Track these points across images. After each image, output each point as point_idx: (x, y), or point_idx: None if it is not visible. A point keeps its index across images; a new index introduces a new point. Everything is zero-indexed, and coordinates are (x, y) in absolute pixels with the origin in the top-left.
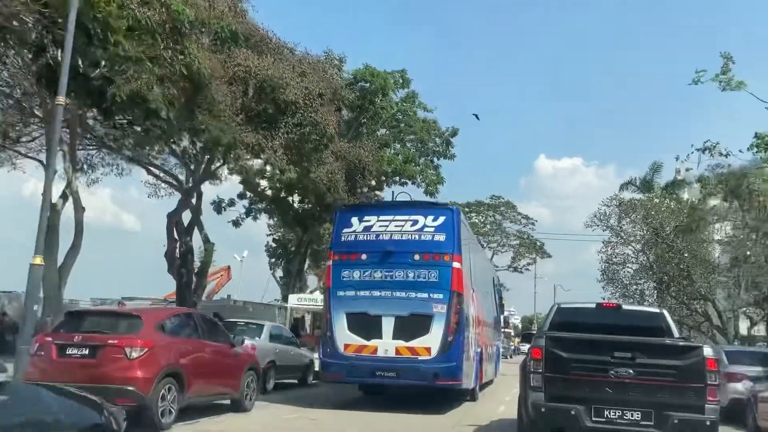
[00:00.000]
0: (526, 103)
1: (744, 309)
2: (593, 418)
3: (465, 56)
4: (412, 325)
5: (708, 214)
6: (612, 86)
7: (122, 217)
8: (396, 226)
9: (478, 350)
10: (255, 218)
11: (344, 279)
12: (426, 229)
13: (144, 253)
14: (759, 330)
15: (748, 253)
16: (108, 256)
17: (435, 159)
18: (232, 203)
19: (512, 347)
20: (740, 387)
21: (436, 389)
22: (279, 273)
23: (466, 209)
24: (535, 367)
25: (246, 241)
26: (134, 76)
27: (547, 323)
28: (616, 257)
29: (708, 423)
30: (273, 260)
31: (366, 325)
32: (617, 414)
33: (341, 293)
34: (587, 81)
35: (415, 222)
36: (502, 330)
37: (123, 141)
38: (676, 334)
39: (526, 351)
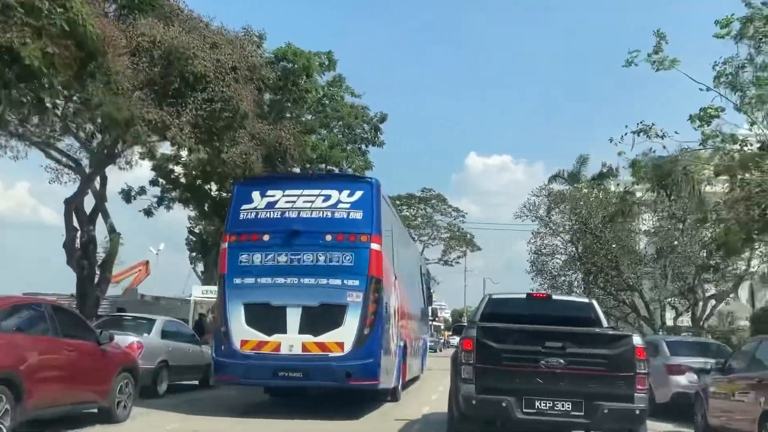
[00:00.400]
0: (457, 98)
1: (669, 299)
2: (524, 410)
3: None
4: (322, 317)
5: (639, 201)
6: (541, 82)
7: (40, 211)
8: (305, 201)
9: (402, 344)
10: (168, 207)
11: (242, 264)
12: (340, 205)
13: (57, 247)
14: (684, 320)
15: (675, 243)
16: (17, 252)
17: (363, 146)
18: (143, 191)
19: (442, 341)
20: (684, 380)
21: (354, 390)
22: (201, 267)
23: (397, 202)
24: (466, 359)
25: (171, 233)
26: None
27: (478, 314)
28: (545, 248)
29: (637, 412)
30: (194, 254)
31: (267, 318)
32: (548, 405)
33: (238, 281)
34: (518, 77)
35: (328, 197)
36: (431, 323)
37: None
38: (604, 324)
39: (457, 343)
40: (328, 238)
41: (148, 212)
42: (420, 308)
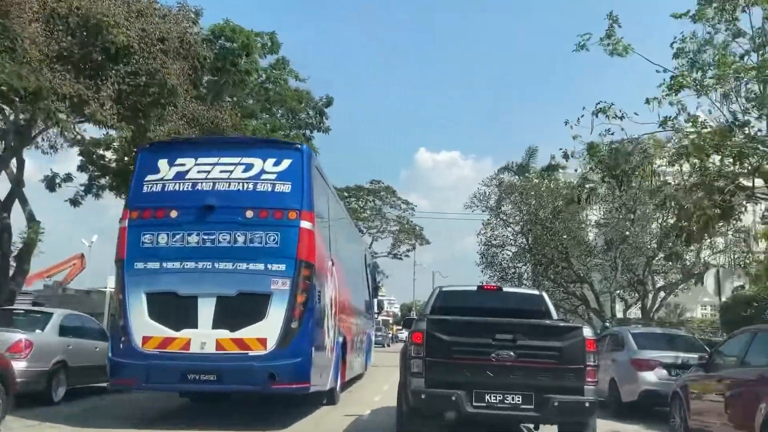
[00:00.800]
0: (407, 93)
1: (618, 291)
2: (474, 403)
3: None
4: (240, 309)
5: (596, 185)
6: (491, 78)
7: None
8: (222, 171)
9: (340, 340)
10: (97, 196)
11: (145, 246)
12: (264, 176)
13: None
14: (634, 312)
15: (627, 233)
16: None
17: (308, 131)
18: (68, 178)
19: (390, 335)
20: (653, 377)
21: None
22: None
23: (346, 194)
24: (415, 352)
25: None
26: None
27: (428, 307)
28: (495, 239)
29: (587, 404)
30: None
31: (175, 310)
32: (498, 398)
33: (140, 265)
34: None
35: (249, 166)
36: (377, 316)
37: None
38: (554, 316)
39: (407, 337)
40: (249, 214)
41: (74, 202)
42: (364, 300)
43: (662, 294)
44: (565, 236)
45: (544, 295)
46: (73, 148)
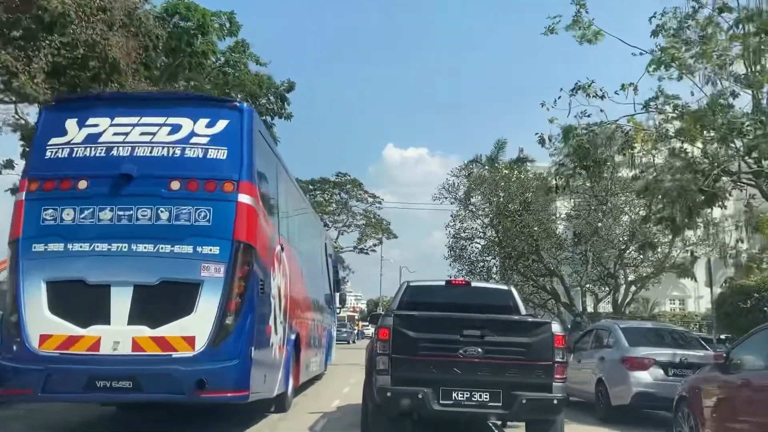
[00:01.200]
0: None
1: (588, 285)
2: (441, 401)
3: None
4: (163, 300)
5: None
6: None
7: None
8: (143, 134)
9: (293, 337)
10: None
11: (46, 223)
12: (195, 139)
13: None
14: (603, 307)
15: (600, 224)
16: None
17: (269, 118)
18: (9, 165)
19: (355, 331)
20: (648, 377)
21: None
22: None
23: (311, 187)
24: (381, 349)
25: None
26: None
27: (396, 302)
28: (464, 232)
29: (555, 402)
30: None
31: (82, 303)
32: (465, 395)
33: (39, 247)
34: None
35: (177, 128)
36: (339, 310)
37: None
38: (523, 311)
39: (373, 333)
40: (175, 185)
41: (15, 191)
42: (323, 293)
43: (633, 288)
44: (536, 228)
45: (513, 289)
46: (15, 133)
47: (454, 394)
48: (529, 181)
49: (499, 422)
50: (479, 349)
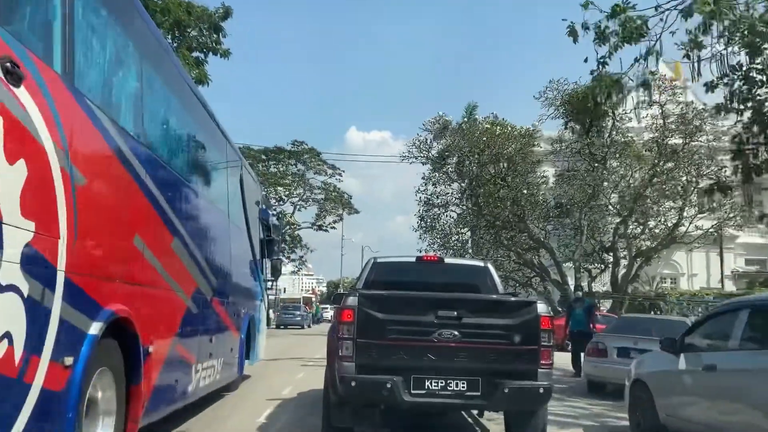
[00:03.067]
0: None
1: (580, 261)
2: (412, 391)
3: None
4: None
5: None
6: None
7: None
8: None
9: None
10: None
11: None
12: None
13: None
14: (598, 286)
15: (606, 182)
16: None
17: (202, 55)
18: None
19: (310, 313)
20: None
21: None
22: None
23: (264, 157)
24: (345, 333)
25: None
26: None
27: (361, 281)
28: (437, 198)
29: (541, 391)
30: None
31: None
32: (440, 384)
33: None
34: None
35: None
36: (271, 284)
37: None
38: (500, 290)
39: (333, 315)
40: None
41: None
42: (245, 257)
43: (637, 262)
44: (525, 191)
45: (490, 266)
46: None
47: (427, 383)
48: (515, 138)
49: (476, 412)
50: (456, 333)
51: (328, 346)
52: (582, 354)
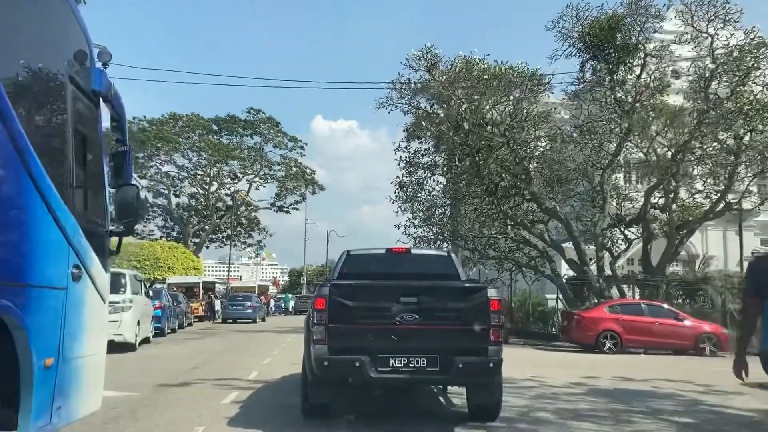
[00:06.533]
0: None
1: (600, 235)
2: (378, 368)
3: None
4: None
5: None
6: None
7: None
8: None
9: None
10: None
11: None
12: None
13: None
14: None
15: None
16: None
17: None
18: None
19: (263, 303)
20: None
21: None
22: None
23: (214, 127)
24: (318, 319)
25: None
26: None
27: (336, 272)
28: (422, 156)
29: (491, 365)
30: None
31: None
32: (402, 362)
33: None
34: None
35: None
36: (118, 226)
37: None
38: (462, 276)
39: (310, 303)
40: None
41: None
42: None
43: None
44: (544, 143)
45: (453, 255)
46: None
47: (391, 361)
48: (521, 80)
49: (440, 386)
50: (416, 316)
51: (304, 331)
52: None
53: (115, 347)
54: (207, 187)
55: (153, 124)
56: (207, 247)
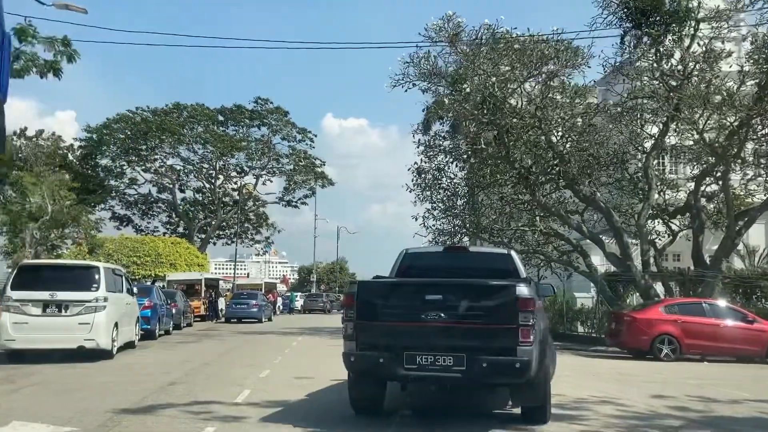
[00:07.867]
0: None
1: (644, 225)
2: (405, 365)
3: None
4: None
5: None
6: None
7: None
8: None
9: None
10: None
11: None
12: None
13: None
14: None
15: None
16: None
17: None
18: None
19: (270, 301)
20: None
21: None
22: None
23: (220, 117)
24: (347, 315)
25: None
26: None
27: (395, 270)
28: (444, 138)
29: (518, 365)
30: None
31: None
32: (429, 360)
33: None
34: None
35: None
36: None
37: None
38: (522, 274)
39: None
40: None
41: None
42: None
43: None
44: (580, 121)
45: (513, 253)
46: None
47: (418, 359)
48: (556, 51)
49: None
50: (442, 314)
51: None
52: None
53: (86, 355)
54: (213, 181)
55: (156, 114)
56: (214, 243)
